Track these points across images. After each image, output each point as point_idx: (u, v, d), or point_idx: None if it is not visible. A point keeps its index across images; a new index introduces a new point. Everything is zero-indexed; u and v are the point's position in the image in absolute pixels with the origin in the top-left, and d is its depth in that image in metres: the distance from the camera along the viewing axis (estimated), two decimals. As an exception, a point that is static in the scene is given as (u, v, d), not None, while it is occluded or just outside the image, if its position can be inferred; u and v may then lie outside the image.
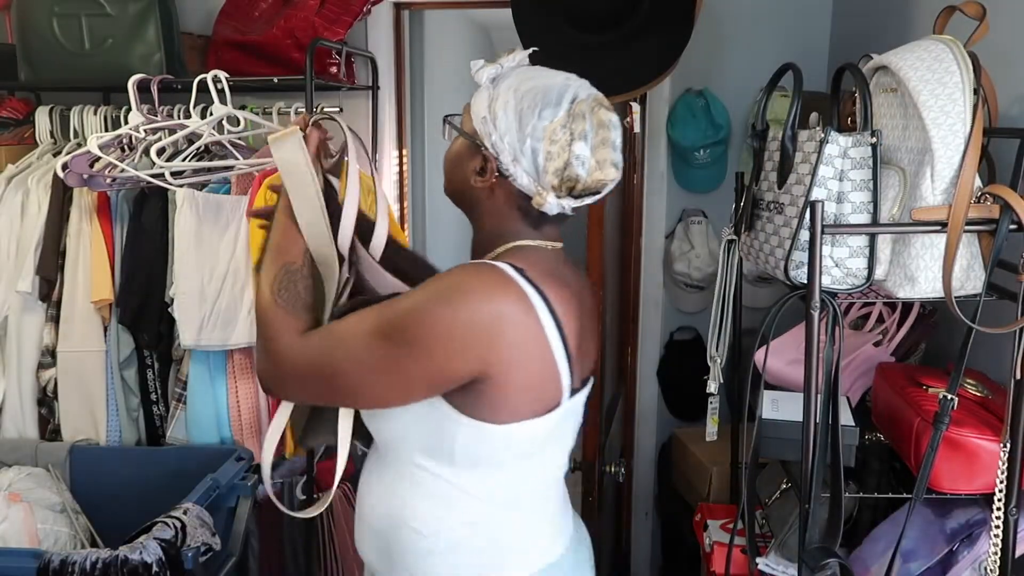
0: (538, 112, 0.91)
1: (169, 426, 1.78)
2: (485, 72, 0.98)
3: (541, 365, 0.90)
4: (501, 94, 0.94)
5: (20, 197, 1.75)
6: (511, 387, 0.89)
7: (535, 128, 0.90)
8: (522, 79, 0.95)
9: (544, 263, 0.94)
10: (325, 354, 0.90)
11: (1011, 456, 1.05)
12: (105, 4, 1.75)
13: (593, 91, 0.95)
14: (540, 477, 1.00)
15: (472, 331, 0.85)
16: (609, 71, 1.61)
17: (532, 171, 0.92)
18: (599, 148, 0.91)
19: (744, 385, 1.66)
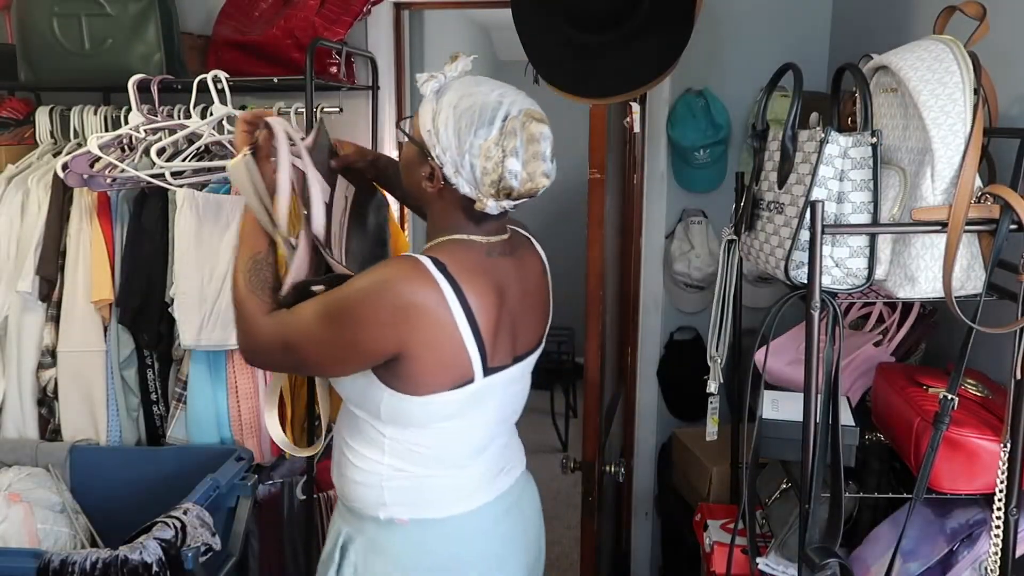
0: (474, 131, 1.03)
1: (169, 426, 1.78)
2: (429, 85, 1.08)
3: (450, 348, 1.04)
4: (443, 109, 1.06)
5: (20, 197, 1.75)
6: (422, 365, 1.04)
7: (472, 145, 1.03)
8: (461, 95, 1.06)
9: (470, 256, 1.09)
10: (286, 332, 1.07)
11: (1011, 456, 1.05)
12: (105, 4, 1.75)
13: (526, 105, 1.07)
14: (465, 437, 1.15)
15: (392, 317, 1.01)
16: (609, 71, 1.61)
17: (471, 182, 1.05)
18: (530, 162, 1.05)
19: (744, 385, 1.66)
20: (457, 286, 1.04)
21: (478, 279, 1.07)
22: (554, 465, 3.65)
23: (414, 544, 1.15)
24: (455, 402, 1.08)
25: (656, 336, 2.34)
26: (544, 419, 4.14)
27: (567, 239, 4.83)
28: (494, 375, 1.10)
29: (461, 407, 1.10)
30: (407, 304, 1.01)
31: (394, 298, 1.01)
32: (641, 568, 2.49)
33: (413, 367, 1.05)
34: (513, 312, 1.14)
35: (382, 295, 1.02)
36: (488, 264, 1.11)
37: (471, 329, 1.05)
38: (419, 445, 1.12)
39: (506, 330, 1.12)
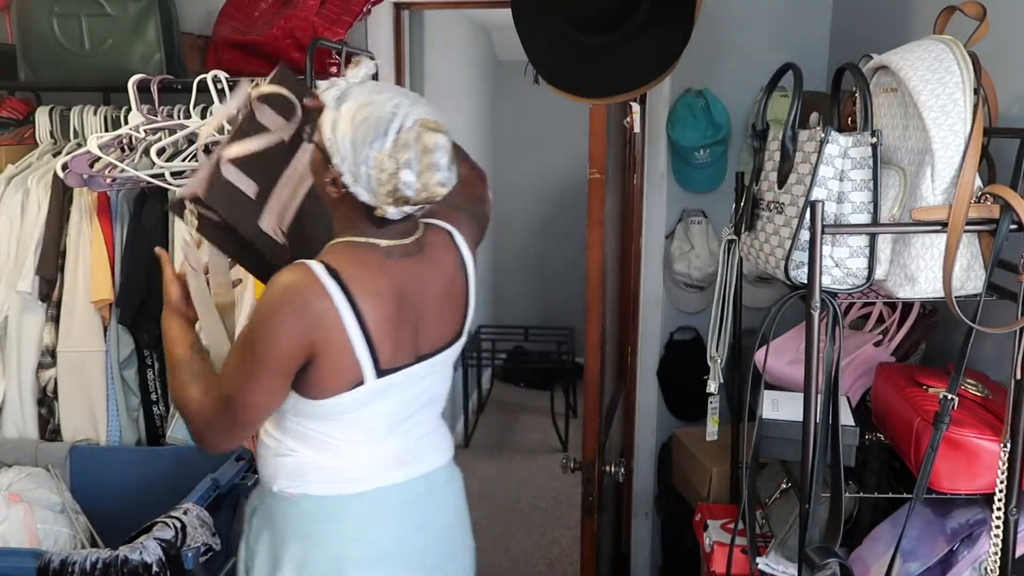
0: (369, 143, 1.06)
1: (169, 426, 1.78)
2: (329, 94, 1.10)
3: (343, 353, 1.09)
4: (341, 119, 1.08)
5: (20, 197, 1.75)
6: (320, 372, 1.10)
7: (367, 157, 1.06)
8: (359, 105, 1.08)
9: (368, 259, 1.13)
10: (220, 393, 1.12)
11: (1011, 456, 1.05)
12: (105, 4, 1.76)
13: (422, 115, 1.08)
14: (359, 428, 1.19)
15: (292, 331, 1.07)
16: (609, 71, 1.61)
17: (369, 191, 1.08)
18: (423, 173, 1.07)
19: (744, 385, 1.67)
20: (348, 292, 1.08)
21: (373, 282, 1.11)
22: (554, 465, 3.69)
23: (297, 517, 1.21)
24: (348, 403, 1.14)
25: (656, 336, 2.33)
26: (544, 419, 4.15)
27: (567, 239, 4.84)
28: (390, 376, 1.15)
29: (355, 405, 1.15)
30: (303, 317, 1.07)
31: (291, 313, 1.07)
32: (641, 568, 2.49)
33: (312, 374, 1.11)
34: (416, 311, 1.17)
35: (280, 313, 1.07)
36: (387, 266, 1.14)
37: (361, 333, 1.09)
38: (315, 431, 1.18)
39: (406, 330, 1.16)
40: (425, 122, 1.08)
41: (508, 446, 3.98)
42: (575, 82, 1.64)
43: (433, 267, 1.21)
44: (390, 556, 1.23)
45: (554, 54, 1.64)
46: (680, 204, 2.26)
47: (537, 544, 3.07)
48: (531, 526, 3.20)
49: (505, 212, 4.99)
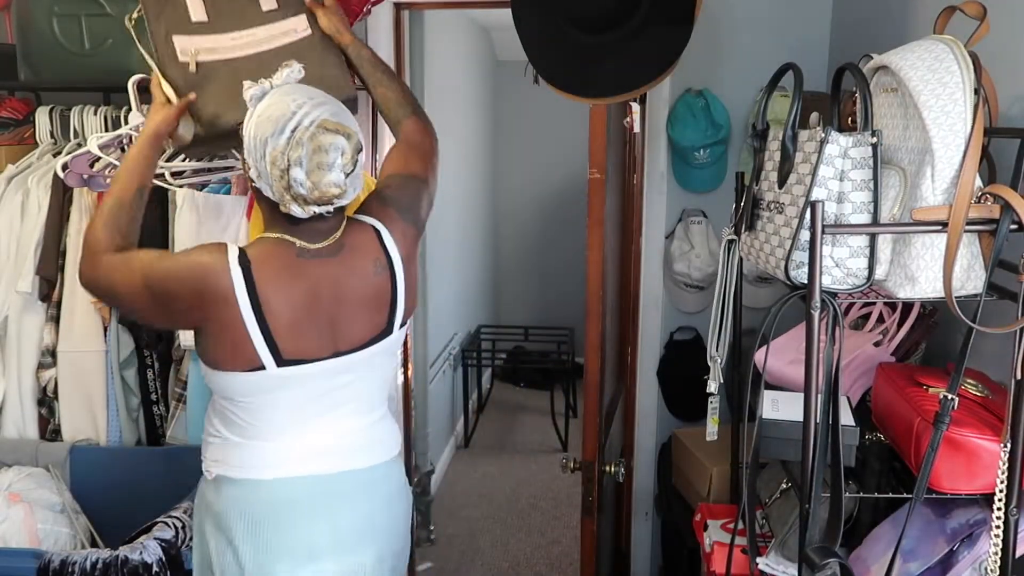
0: (265, 139, 1.11)
1: (169, 426, 1.78)
2: (250, 92, 1.16)
3: (234, 336, 1.15)
4: (252, 117, 1.14)
5: (20, 197, 1.75)
6: (212, 344, 1.18)
7: (265, 154, 1.11)
8: (268, 104, 1.13)
9: (279, 256, 1.18)
10: (115, 277, 1.19)
11: (1011, 456, 1.05)
12: (105, 4, 1.76)
13: (323, 116, 1.12)
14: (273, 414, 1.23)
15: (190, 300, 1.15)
16: (609, 71, 1.61)
17: (268, 187, 1.13)
18: (313, 172, 1.10)
19: (744, 385, 1.66)
20: (252, 282, 1.14)
21: (280, 278, 1.17)
22: (554, 465, 3.69)
23: (214, 496, 1.26)
24: (251, 383, 1.19)
25: (656, 336, 2.33)
26: (544, 419, 4.15)
27: (567, 239, 4.84)
28: (295, 367, 1.19)
29: (260, 389, 1.20)
30: (203, 291, 1.14)
31: (194, 284, 1.14)
32: (641, 568, 2.49)
33: (207, 343, 1.19)
34: (330, 310, 1.21)
35: (186, 280, 1.15)
36: (298, 265, 1.18)
37: (256, 321, 1.15)
38: (234, 414, 1.23)
39: (316, 326, 1.20)
40: (324, 123, 1.11)
41: (508, 446, 3.98)
42: (575, 82, 1.64)
43: (350, 269, 1.23)
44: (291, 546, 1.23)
45: (554, 54, 1.64)
46: (680, 204, 2.26)
47: (537, 544, 3.07)
48: (531, 526, 3.20)
49: (505, 212, 5.00)
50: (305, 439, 1.25)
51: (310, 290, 1.19)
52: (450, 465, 3.75)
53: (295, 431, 1.25)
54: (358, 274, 1.23)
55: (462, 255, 4.13)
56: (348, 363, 1.24)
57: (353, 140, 1.14)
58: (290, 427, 1.24)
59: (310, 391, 1.23)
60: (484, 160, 4.63)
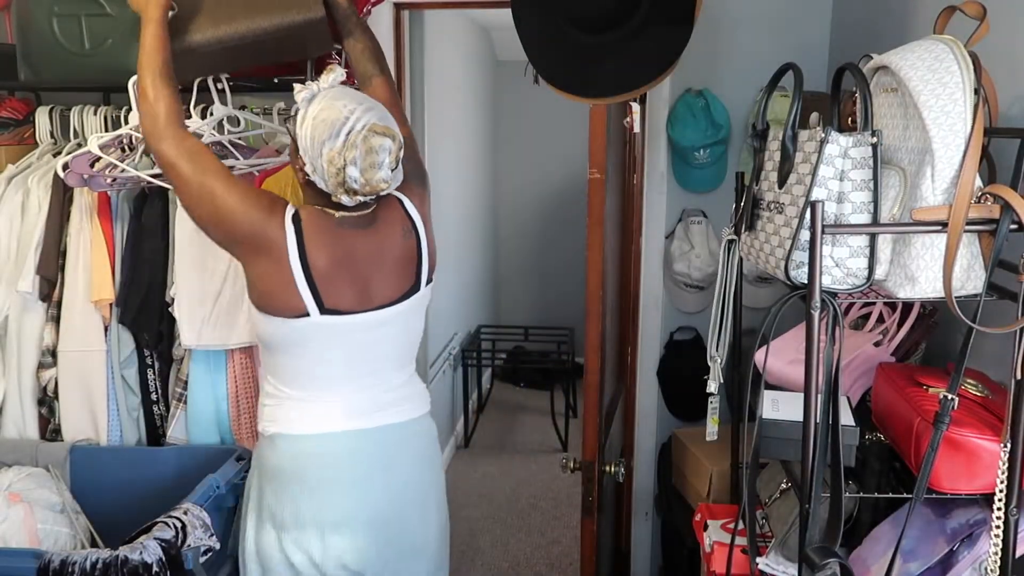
0: (323, 141, 1.25)
1: (169, 426, 1.78)
2: (302, 95, 1.30)
3: (280, 280, 1.30)
4: (307, 119, 1.28)
5: (20, 197, 1.75)
6: (259, 282, 1.32)
7: (321, 154, 1.26)
8: (322, 107, 1.27)
9: (323, 222, 1.32)
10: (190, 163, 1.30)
11: (1011, 456, 1.05)
12: (105, 4, 1.75)
13: (372, 120, 1.27)
14: (317, 364, 1.37)
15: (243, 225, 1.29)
16: (609, 71, 1.61)
17: (323, 181, 1.28)
18: (367, 171, 1.26)
19: (744, 385, 1.67)
20: (300, 234, 1.30)
21: (323, 238, 1.31)
22: (554, 465, 3.69)
23: (269, 451, 1.40)
24: (298, 331, 1.33)
25: (656, 336, 2.34)
26: (544, 419, 4.15)
27: (567, 239, 4.84)
28: (335, 316, 1.33)
29: (306, 337, 1.34)
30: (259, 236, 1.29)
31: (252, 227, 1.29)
32: (641, 568, 2.49)
33: (257, 283, 1.32)
34: (365, 271, 1.36)
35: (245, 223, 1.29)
36: (338, 232, 1.33)
37: (302, 268, 1.30)
38: (281, 366, 1.39)
39: (353, 284, 1.35)
40: (374, 127, 1.26)
41: (508, 446, 3.98)
42: (575, 82, 1.64)
43: (383, 237, 1.38)
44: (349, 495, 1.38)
45: (554, 54, 1.64)
46: (680, 204, 2.26)
47: (537, 544, 3.07)
48: (531, 526, 3.20)
49: (505, 212, 5.00)
50: (350, 396, 1.39)
51: (347, 254, 1.34)
52: (450, 465, 3.75)
53: (341, 387, 1.39)
54: (389, 242, 1.39)
55: (462, 255, 4.13)
56: (382, 318, 1.38)
57: (397, 141, 1.30)
58: (337, 383, 1.39)
59: (352, 345, 1.37)
60: (484, 160, 4.63)
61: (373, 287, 1.37)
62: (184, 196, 1.33)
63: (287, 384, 1.39)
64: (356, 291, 1.35)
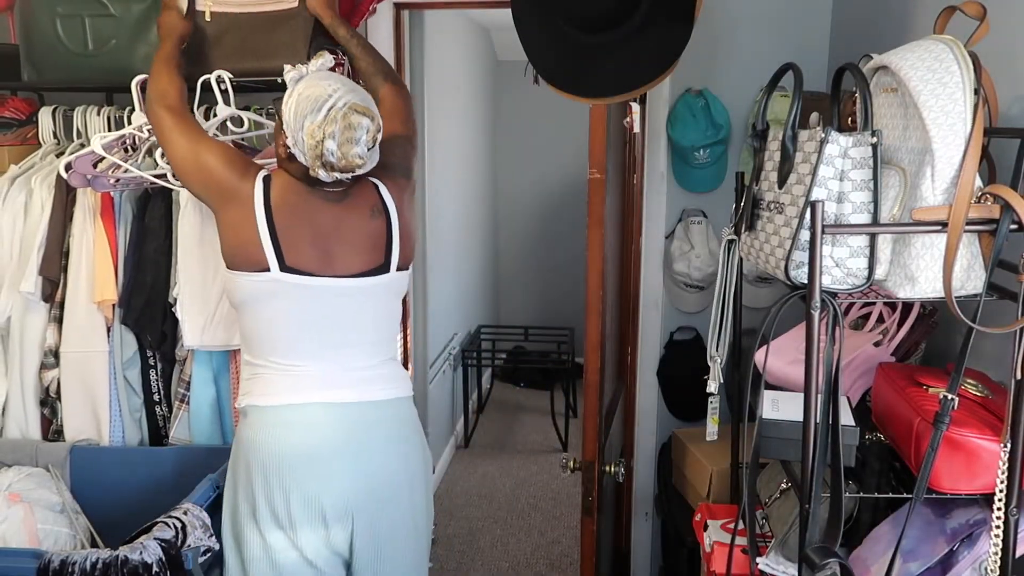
0: (305, 115, 1.32)
1: (172, 426, 1.78)
2: (291, 75, 1.38)
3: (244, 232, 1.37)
4: (292, 95, 1.36)
5: (23, 197, 1.76)
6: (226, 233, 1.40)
7: (303, 126, 1.33)
8: (307, 85, 1.35)
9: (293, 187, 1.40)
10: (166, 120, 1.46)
11: (1011, 456, 1.05)
12: (108, 5, 1.76)
13: (354, 100, 1.34)
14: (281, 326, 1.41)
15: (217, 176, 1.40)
16: (609, 71, 1.61)
17: (302, 153, 1.34)
18: (343, 144, 1.33)
19: (744, 385, 1.67)
20: (268, 197, 1.38)
21: (288, 198, 1.39)
22: (554, 465, 3.69)
23: (242, 425, 1.44)
24: (258, 286, 1.38)
25: (656, 336, 2.34)
26: (544, 419, 4.15)
27: (567, 239, 4.84)
28: (295, 275, 1.38)
29: (266, 293, 1.39)
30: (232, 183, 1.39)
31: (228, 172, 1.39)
32: (641, 568, 2.49)
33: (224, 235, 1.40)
34: (328, 238, 1.42)
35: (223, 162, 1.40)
36: (307, 199, 1.40)
37: (268, 226, 1.37)
38: (248, 330, 1.44)
39: (315, 246, 1.40)
40: (354, 105, 1.33)
41: (508, 446, 3.98)
42: (575, 82, 1.64)
43: (350, 211, 1.44)
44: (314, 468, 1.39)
45: (554, 54, 1.64)
46: (680, 204, 2.26)
47: (537, 544, 3.07)
48: (531, 526, 3.20)
49: (505, 212, 5.00)
50: (319, 369, 1.42)
51: (313, 219, 1.40)
52: (450, 465, 3.75)
53: (308, 358, 1.42)
54: (354, 217, 1.44)
55: (462, 255, 4.13)
56: (345, 287, 1.43)
57: (375, 122, 1.36)
58: (302, 352, 1.41)
59: (313, 311, 1.41)
60: (484, 160, 4.63)
61: (335, 255, 1.42)
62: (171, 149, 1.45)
63: (254, 352, 1.43)
64: (317, 254, 1.40)
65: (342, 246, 1.43)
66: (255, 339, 1.43)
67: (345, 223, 1.43)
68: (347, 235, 1.43)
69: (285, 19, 1.71)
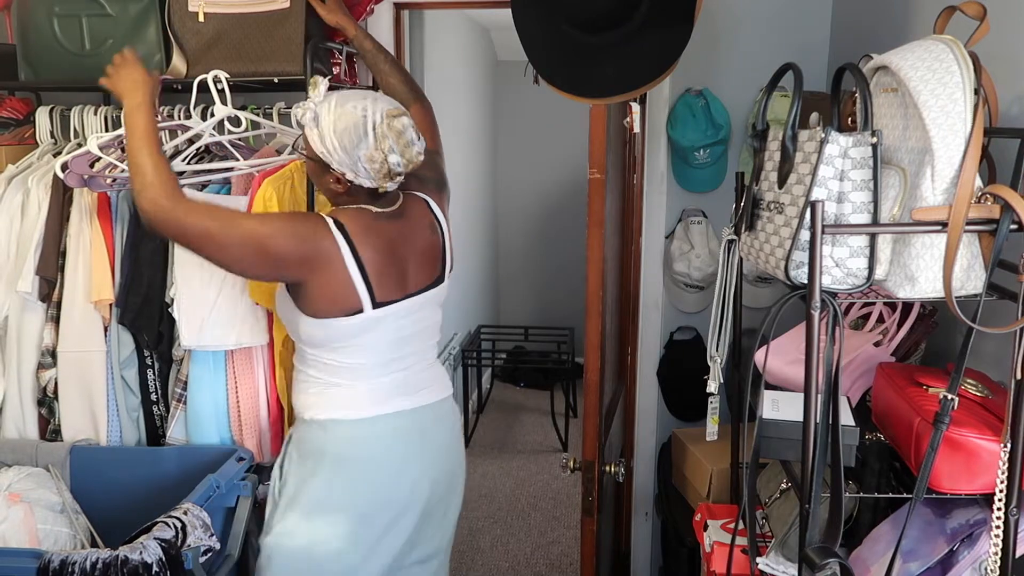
0: (356, 146, 1.34)
1: (169, 426, 1.78)
2: (306, 116, 1.36)
3: (340, 285, 1.36)
4: (326, 135, 1.34)
5: (20, 197, 1.75)
6: (319, 293, 1.37)
7: (359, 158, 1.34)
8: (335, 118, 1.34)
9: (364, 219, 1.41)
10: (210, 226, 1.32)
11: (1011, 456, 1.05)
12: (105, 4, 1.75)
13: (385, 107, 1.35)
14: (364, 355, 1.45)
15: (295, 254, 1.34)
16: (609, 71, 1.61)
17: (369, 179, 1.37)
18: (405, 151, 1.36)
19: (744, 385, 1.67)
20: (350, 239, 1.36)
21: (367, 234, 1.39)
22: (554, 465, 3.69)
23: (320, 437, 1.47)
24: (351, 326, 1.40)
25: (656, 336, 2.34)
26: (544, 419, 4.15)
27: (567, 239, 4.84)
28: (383, 308, 1.41)
29: (357, 330, 1.41)
30: (307, 241, 1.34)
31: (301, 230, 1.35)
32: (641, 568, 2.49)
33: (311, 296, 1.38)
34: (402, 260, 1.45)
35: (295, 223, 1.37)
36: (377, 225, 1.42)
37: (359, 271, 1.37)
38: (331, 359, 1.44)
39: (395, 273, 1.43)
40: (390, 112, 1.35)
41: (508, 446, 3.98)
42: (575, 82, 1.64)
43: (412, 227, 1.49)
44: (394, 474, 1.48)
45: (554, 54, 1.64)
46: (680, 204, 2.26)
47: (537, 544, 3.07)
48: (531, 526, 3.20)
49: (505, 212, 4.99)
50: (392, 379, 1.48)
51: (388, 243, 1.42)
52: (450, 465, 3.75)
53: (382, 370, 1.46)
54: (418, 231, 1.50)
55: (462, 255, 4.11)
56: (417, 303, 1.48)
57: (408, 113, 1.39)
58: (378, 366, 1.46)
59: (393, 333, 1.45)
60: (484, 160, 4.63)
61: (409, 274, 1.47)
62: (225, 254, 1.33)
63: (334, 374, 1.45)
64: (397, 279, 1.44)
65: (412, 265, 1.47)
66: (335, 366, 1.44)
67: (410, 240, 1.47)
68: (413, 253, 1.47)
69: (279, 21, 1.72)
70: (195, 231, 1.31)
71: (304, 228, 1.36)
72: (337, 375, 1.45)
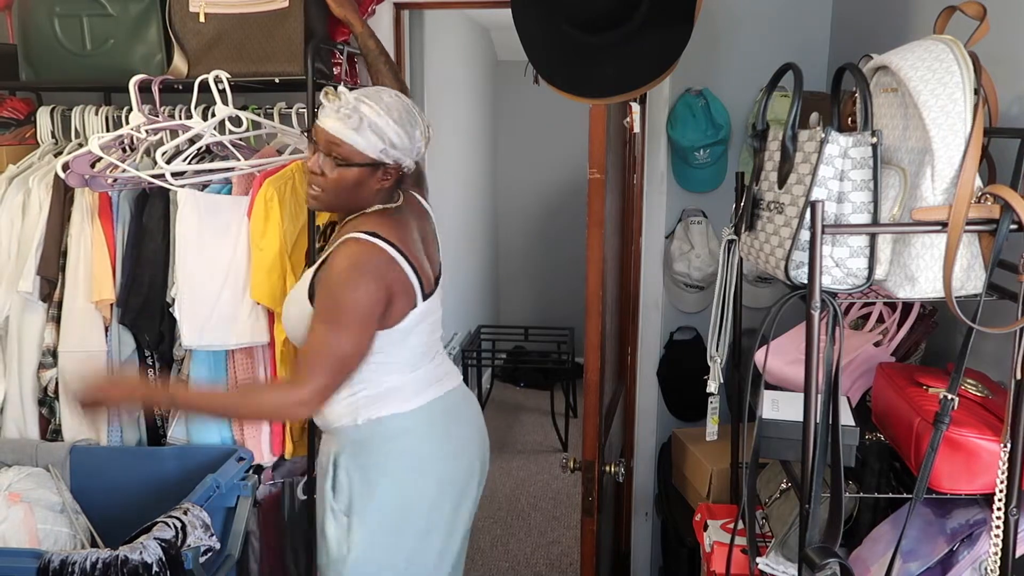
0: (414, 126, 1.39)
1: (170, 426, 1.78)
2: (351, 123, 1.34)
3: (403, 288, 1.40)
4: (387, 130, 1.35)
5: (21, 197, 1.76)
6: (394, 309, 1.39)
7: (416, 137, 1.40)
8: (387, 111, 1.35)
9: (391, 219, 1.43)
10: (319, 365, 1.32)
11: (1011, 456, 1.05)
12: (106, 4, 1.76)
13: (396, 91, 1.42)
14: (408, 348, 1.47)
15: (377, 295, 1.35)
16: (609, 72, 1.61)
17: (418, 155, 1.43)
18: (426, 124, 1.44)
19: (744, 385, 1.67)
20: (393, 244, 1.38)
21: (399, 233, 1.42)
22: (554, 465, 3.69)
23: (380, 435, 1.47)
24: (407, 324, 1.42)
25: (656, 336, 2.34)
26: (544, 419, 4.15)
27: (567, 239, 4.84)
28: (429, 299, 1.46)
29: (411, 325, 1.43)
30: (378, 275, 1.35)
31: (370, 275, 1.34)
32: (641, 568, 2.49)
33: (391, 310, 1.39)
34: (425, 247, 1.50)
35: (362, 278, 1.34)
36: (400, 220, 1.46)
37: (412, 270, 1.41)
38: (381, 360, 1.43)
39: (424, 263, 1.47)
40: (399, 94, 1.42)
41: (508, 446, 3.98)
42: (575, 82, 1.64)
43: (416, 218, 1.53)
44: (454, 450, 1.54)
45: (554, 54, 1.64)
46: (680, 204, 2.26)
47: (537, 544, 3.07)
48: (531, 526, 3.20)
49: (505, 212, 4.99)
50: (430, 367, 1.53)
51: (411, 235, 1.47)
52: (450, 465, 3.74)
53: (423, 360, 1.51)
54: (421, 221, 1.53)
55: (462, 255, 4.13)
56: (439, 292, 1.53)
57: None
58: (420, 357, 1.50)
59: (429, 323, 1.49)
60: (484, 160, 4.63)
61: (431, 262, 1.52)
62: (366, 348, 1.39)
63: (386, 373, 1.46)
64: (426, 268, 1.48)
65: (430, 250, 1.53)
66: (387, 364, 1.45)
67: (419, 230, 1.51)
68: (425, 242, 1.52)
69: (279, 21, 1.72)
70: (341, 372, 1.35)
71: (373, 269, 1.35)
72: (388, 373, 1.46)
